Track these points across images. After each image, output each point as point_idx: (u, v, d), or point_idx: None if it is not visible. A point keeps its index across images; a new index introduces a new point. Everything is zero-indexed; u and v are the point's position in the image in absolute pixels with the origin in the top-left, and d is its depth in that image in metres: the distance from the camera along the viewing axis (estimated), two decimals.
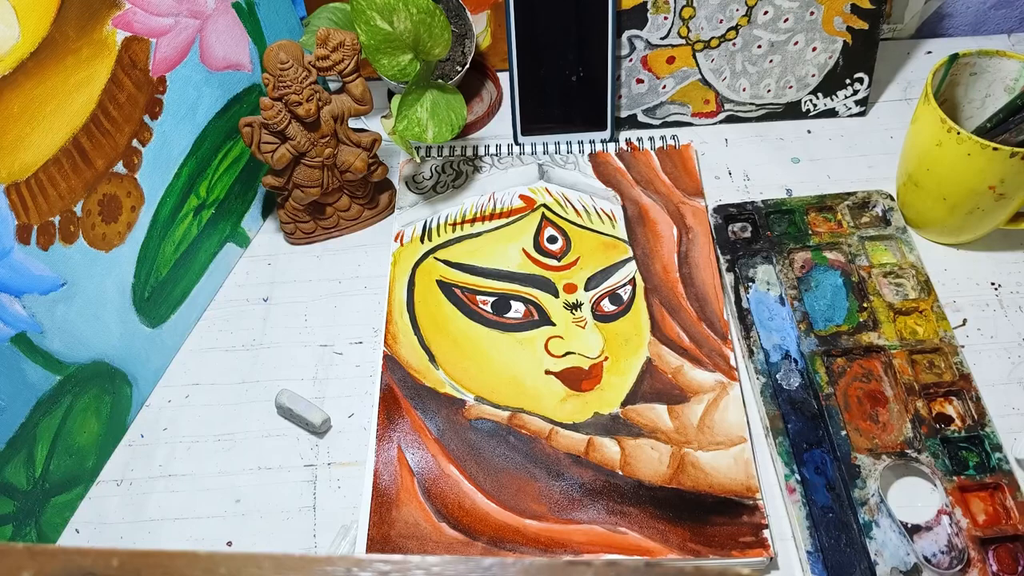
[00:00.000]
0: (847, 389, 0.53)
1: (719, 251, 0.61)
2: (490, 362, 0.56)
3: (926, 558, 0.46)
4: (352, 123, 0.60)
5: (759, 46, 0.67)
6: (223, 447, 0.55)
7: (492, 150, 0.68)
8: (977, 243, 0.61)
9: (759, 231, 0.61)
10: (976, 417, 0.51)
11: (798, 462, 0.50)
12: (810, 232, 0.61)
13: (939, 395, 0.53)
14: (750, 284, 0.59)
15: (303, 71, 0.56)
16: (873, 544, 0.47)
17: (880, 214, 0.62)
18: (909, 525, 0.47)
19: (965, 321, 0.57)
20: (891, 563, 0.46)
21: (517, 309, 0.58)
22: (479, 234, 0.63)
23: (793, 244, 0.60)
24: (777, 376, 0.54)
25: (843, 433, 0.51)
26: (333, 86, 0.61)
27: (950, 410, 0.52)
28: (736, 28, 0.66)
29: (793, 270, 0.59)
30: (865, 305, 0.57)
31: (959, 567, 0.45)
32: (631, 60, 0.67)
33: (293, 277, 0.64)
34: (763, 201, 0.63)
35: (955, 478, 0.48)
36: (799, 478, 0.49)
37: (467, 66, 0.70)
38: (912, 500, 0.49)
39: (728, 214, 0.62)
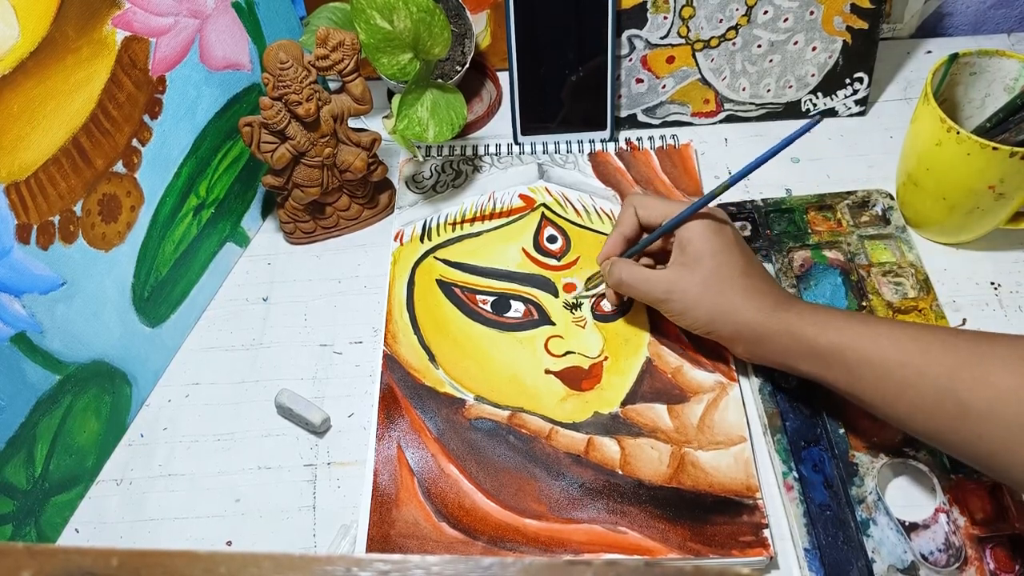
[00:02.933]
0: None
1: None
2: (490, 361, 0.56)
3: (923, 556, 0.46)
4: (352, 123, 0.60)
5: (759, 46, 0.67)
6: (223, 447, 0.55)
7: (492, 150, 0.68)
8: (977, 243, 0.61)
9: (759, 230, 0.61)
10: None
11: (796, 460, 0.50)
12: (809, 231, 0.61)
13: None
14: None
15: (303, 71, 0.56)
16: (870, 542, 0.47)
17: (880, 213, 0.62)
18: (907, 523, 0.47)
19: (965, 321, 0.57)
20: (888, 561, 0.46)
21: (517, 308, 0.58)
22: (479, 233, 0.63)
23: (792, 243, 0.60)
24: (775, 374, 0.54)
25: (841, 431, 0.51)
26: (333, 86, 0.61)
27: None
28: (736, 28, 0.66)
29: (792, 268, 0.59)
30: (864, 304, 0.57)
31: (956, 565, 0.45)
32: (631, 60, 0.67)
33: (293, 277, 0.64)
34: (763, 200, 0.63)
35: (953, 476, 0.49)
36: (797, 476, 0.50)
37: (467, 66, 0.70)
38: (910, 498, 0.49)
39: (727, 212, 0.62)
